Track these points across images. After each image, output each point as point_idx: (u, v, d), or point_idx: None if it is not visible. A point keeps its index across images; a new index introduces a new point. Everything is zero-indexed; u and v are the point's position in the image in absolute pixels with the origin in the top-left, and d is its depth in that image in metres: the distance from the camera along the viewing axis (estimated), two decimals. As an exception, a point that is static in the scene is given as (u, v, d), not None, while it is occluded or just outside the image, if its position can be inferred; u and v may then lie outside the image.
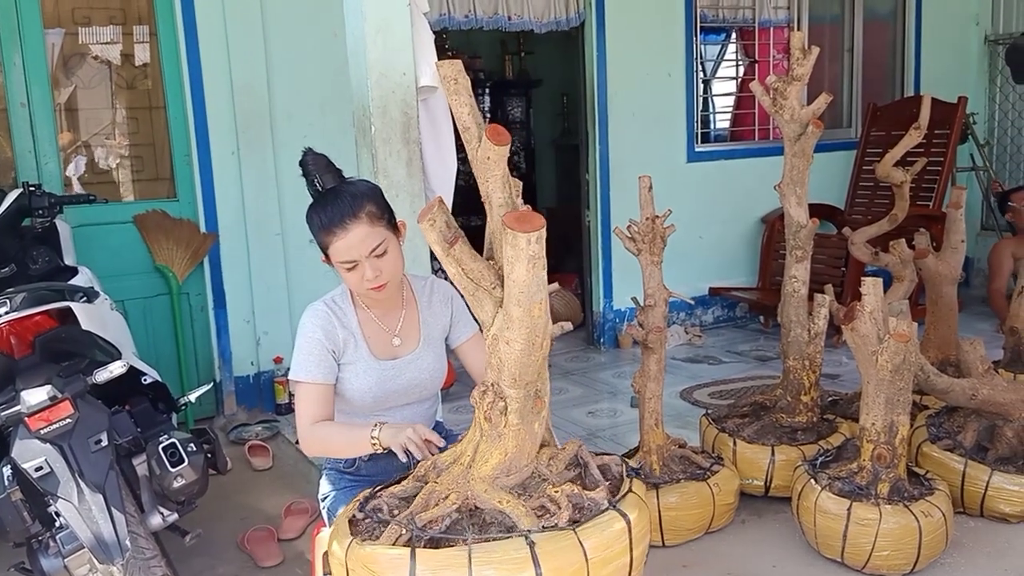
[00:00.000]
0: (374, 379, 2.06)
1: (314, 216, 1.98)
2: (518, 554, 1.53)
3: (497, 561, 1.52)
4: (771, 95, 2.99)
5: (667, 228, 2.84)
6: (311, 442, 2.02)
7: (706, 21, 5.40)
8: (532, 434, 1.69)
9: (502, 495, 1.65)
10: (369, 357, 2.06)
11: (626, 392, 4.40)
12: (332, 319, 2.06)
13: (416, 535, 1.60)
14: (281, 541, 3.00)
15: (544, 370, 1.66)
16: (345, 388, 2.08)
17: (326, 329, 2.04)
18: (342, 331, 2.05)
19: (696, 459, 2.89)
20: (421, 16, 2.92)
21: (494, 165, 1.53)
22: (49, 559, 2.25)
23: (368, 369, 2.06)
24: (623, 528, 1.63)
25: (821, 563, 2.64)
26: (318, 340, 2.02)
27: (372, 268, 1.94)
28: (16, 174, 3.82)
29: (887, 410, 2.54)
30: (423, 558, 1.55)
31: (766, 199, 5.39)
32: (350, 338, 2.06)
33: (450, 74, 1.48)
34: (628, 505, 1.68)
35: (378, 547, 1.59)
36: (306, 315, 2.07)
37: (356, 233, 1.92)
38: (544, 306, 1.55)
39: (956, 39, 6.18)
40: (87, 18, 3.99)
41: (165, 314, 4.08)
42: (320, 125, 4.24)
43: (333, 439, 1.99)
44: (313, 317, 2.06)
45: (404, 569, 1.53)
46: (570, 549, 1.56)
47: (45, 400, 2.10)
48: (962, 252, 3.50)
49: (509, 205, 1.57)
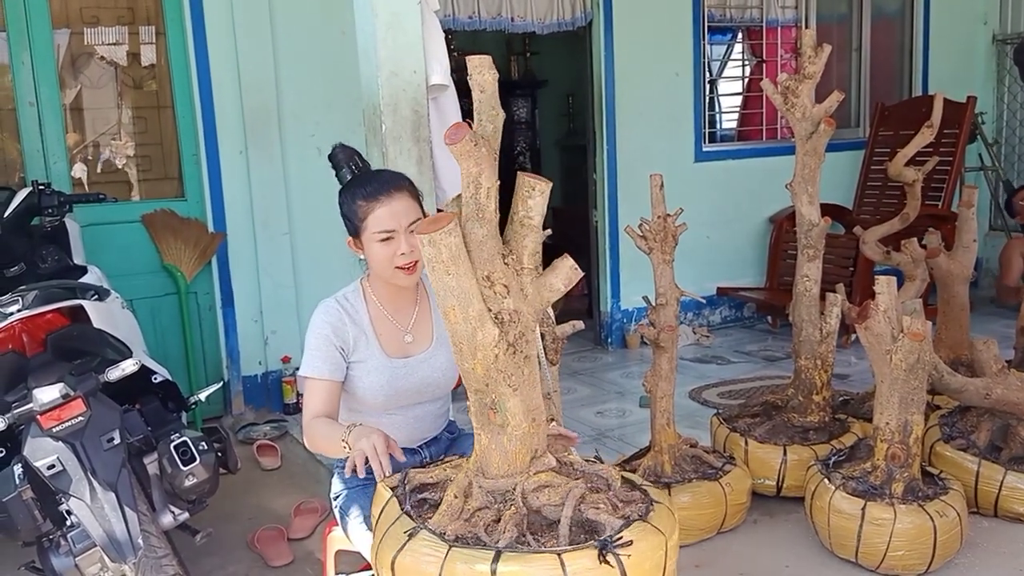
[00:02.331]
0: (385, 377, 2.04)
1: (356, 189, 2.01)
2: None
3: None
4: (782, 93, 2.98)
5: (679, 227, 2.83)
6: (308, 437, 2.01)
7: (713, 21, 5.39)
8: (500, 446, 1.62)
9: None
10: (380, 354, 2.04)
11: (634, 392, 4.39)
12: (343, 316, 2.04)
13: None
14: (291, 541, 2.99)
15: (494, 382, 1.57)
16: (356, 386, 2.06)
17: (335, 326, 2.03)
18: (353, 328, 2.04)
19: (708, 459, 2.88)
20: (432, 14, 2.91)
21: (461, 162, 1.50)
22: (60, 558, 2.23)
23: (379, 367, 2.04)
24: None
25: (835, 563, 2.63)
26: (326, 337, 2.01)
27: (408, 242, 1.95)
28: (25, 173, 3.82)
29: (901, 409, 2.53)
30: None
31: (774, 199, 5.41)
32: (361, 335, 2.04)
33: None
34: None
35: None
36: (316, 311, 2.06)
37: (400, 201, 1.96)
38: (467, 312, 1.51)
39: (964, 38, 6.17)
40: (95, 18, 3.99)
41: (173, 313, 4.08)
42: (327, 124, 4.23)
43: (321, 436, 1.94)
44: (323, 314, 2.05)
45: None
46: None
47: (57, 398, 2.09)
48: (974, 251, 3.48)
49: (470, 205, 1.53)
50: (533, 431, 1.66)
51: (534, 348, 1.63)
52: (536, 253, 1.61)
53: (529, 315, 1.60)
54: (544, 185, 1.54)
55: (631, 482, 1.80)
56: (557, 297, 1.62)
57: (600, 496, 1.67)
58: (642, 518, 1.61)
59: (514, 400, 1.60)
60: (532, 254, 1.60)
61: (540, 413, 1.67)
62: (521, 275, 1.59)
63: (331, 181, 4.65)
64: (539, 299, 1.61)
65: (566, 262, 1.61)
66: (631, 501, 1.70)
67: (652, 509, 1.65)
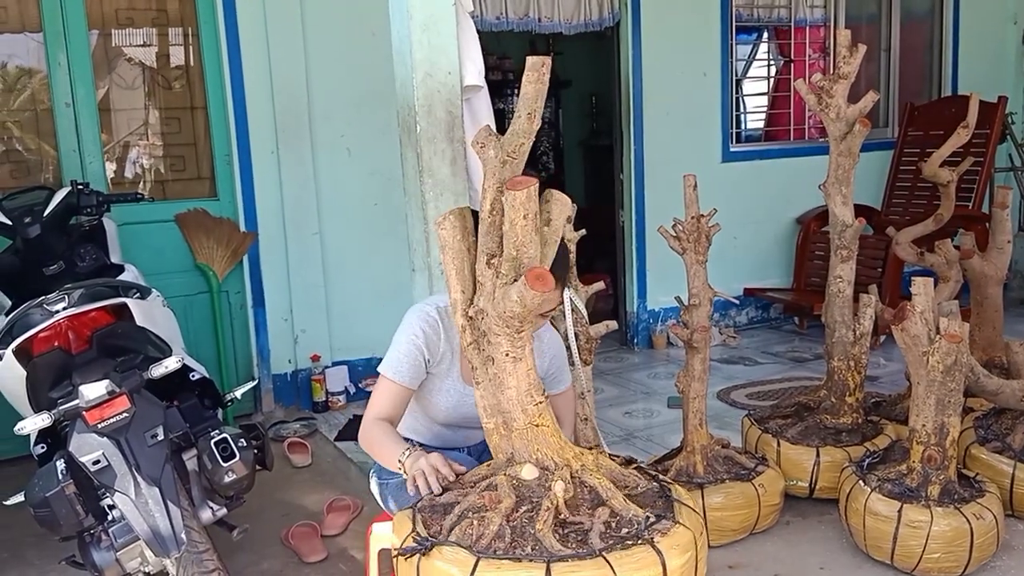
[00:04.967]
0: (454, 400, 2.06)
1: None
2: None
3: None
4: (816, 94, 2.97)
5: (712, 227, 2.83)
6: (364, 438, 2.03)
7: (741, 20, 5.38)
8: None
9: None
10: (458, 379, 2.07)
11: (661, 392, 4.39)
12: (439, 327, 2.05)
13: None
14: (323, 537, 3.01)
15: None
16: (424, 396, 2.09)
17: (428, 336, 2.03)
18: (444, 344, 2.05)
19: (740, 459, 2.87)
20: (466, 15, 2.92)
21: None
22: (101, 552, 2.26)
23: (452, 390, 2.06)
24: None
25: (870, 565, 2.62)
26: (417, 345, 2.01)
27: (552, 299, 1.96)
28: (61, 173, 3.87)
29: (938, 411, 2.51)
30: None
31: (801, 199, 5.38)
32: (448, 353, 2.06)
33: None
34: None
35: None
36: (416, 315, 2.05)
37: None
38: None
39: (994, 38, 6.11)
40: (130, 19, 4.04)
41: (205, 312, 4.12)
42: (357, 124, 4.27)
43: (378, 444, 1.99)
44: (422, 320, 2.04)
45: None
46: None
47: (103, 394, 2.12)
48: (1008, 252, 3.45)
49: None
50: (503, 433, 1.73)
51: (498, 352, 1.68)
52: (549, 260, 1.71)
53: (493, 318, 1.66)
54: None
55: (657, 480, 1.85)
56: (516, 310, 1.65)
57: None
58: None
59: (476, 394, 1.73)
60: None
61: (512, 418, 1.71)
62: (496, 280, 1.64)
63: (360, 181, 4.69)
64: (501, 306, 1.65)
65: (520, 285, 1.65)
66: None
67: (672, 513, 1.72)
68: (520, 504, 1.73)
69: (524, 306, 1.60)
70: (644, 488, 1.83)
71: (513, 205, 1.57)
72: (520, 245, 1.60)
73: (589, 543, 1.63)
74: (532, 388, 1.72)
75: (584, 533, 1.66)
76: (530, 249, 1.60)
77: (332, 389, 4.32)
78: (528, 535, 1.66)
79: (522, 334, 1.67)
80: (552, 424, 1.77)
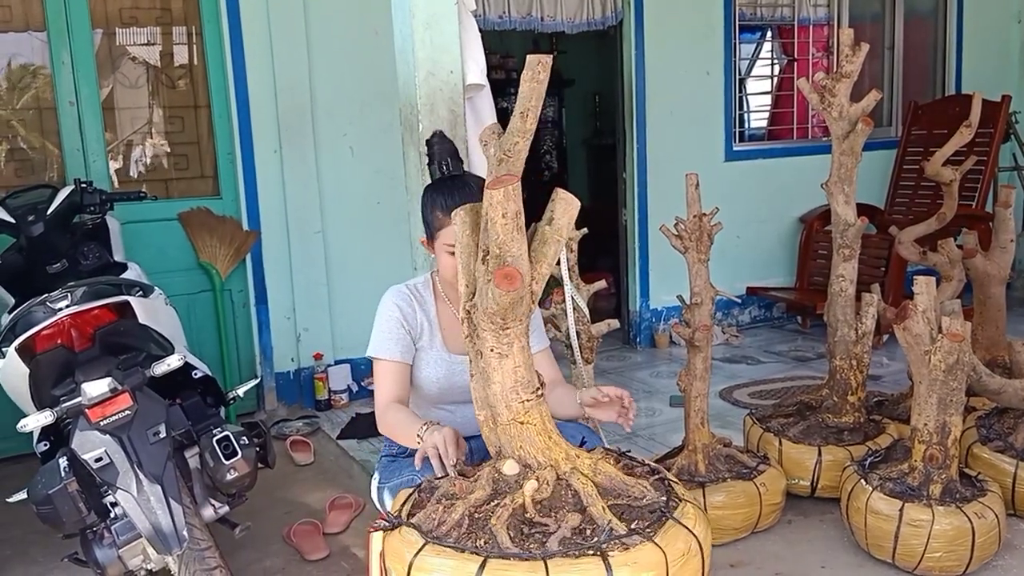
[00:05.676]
0: (443, 371, 2.08)
1: (437, 197, 2.04)
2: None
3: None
4: (819, 92, 2.97)
5: (714, 226, 2.83)
6: (383, 423, 2.06)
7: (744, 19, 5.37)
8: None
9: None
10: (441, 348, 2.09)
11: (663, 391, 4.38)
12: (412, 302, 2.12)
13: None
14: (326, 535, 3.02)
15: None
16: (414, 375, 2.12)
17: (404, 310, 2.10)
18: (420, 316, 2.11)
19: (742, 458, 2.87)
20: (468, 14, 2.92)
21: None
22: (103, 549, 2.26)
23: (439, 360, 2.09)
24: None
25: (871, 564, 2.62)
26: (396, 319, 2.08)
27: None
28: (65, 171, 3.88)
29: (939, 410, 2.51)
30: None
31: (804, 198, 5.38)
32: (426, 325, 2.11)
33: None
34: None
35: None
36: (387, 295, 2.12)
37: None
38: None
39: (998, 37, 6.10)
40: (134, 18, 4.05)
41: (208, 310, 4.13)
42: (360, 123, 4.28)
43: (397, 425, 2.02)
44: (394, 297, 2.11)
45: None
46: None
47: (106, 392, 2.13)
48: (1011, 252, 3.44)
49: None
50: (491, 427, 1.75)
51: (485, 347, 1.70)
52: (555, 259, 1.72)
53: (480, 314, 1.67)
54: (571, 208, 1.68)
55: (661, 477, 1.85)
56: (493, 308, 1.66)
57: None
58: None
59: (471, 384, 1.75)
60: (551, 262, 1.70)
61: (497, 412, 1.73)
62: (486, 276, 1.66)
63: (363, 180, 4.69)
64: (484, 303, 1.66)
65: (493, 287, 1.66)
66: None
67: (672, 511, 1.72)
68: (495, 498, 1.74)
69: (497, 303, 1.62)
70: (648, 501, 1.77)
71: (491, 203, 1.58)
72: (502, 243, 1.59)
73: (545, 546, 1.61)
74: (518, 385, 1.72)
75: (548, 536, 1.64)
76: (513, 247, 1.60)
77: (335, 387, 4.33)
78: (487, 529, 1.66)
79: (508, 331, 1.67)
80: (540, 423, 1.76)
